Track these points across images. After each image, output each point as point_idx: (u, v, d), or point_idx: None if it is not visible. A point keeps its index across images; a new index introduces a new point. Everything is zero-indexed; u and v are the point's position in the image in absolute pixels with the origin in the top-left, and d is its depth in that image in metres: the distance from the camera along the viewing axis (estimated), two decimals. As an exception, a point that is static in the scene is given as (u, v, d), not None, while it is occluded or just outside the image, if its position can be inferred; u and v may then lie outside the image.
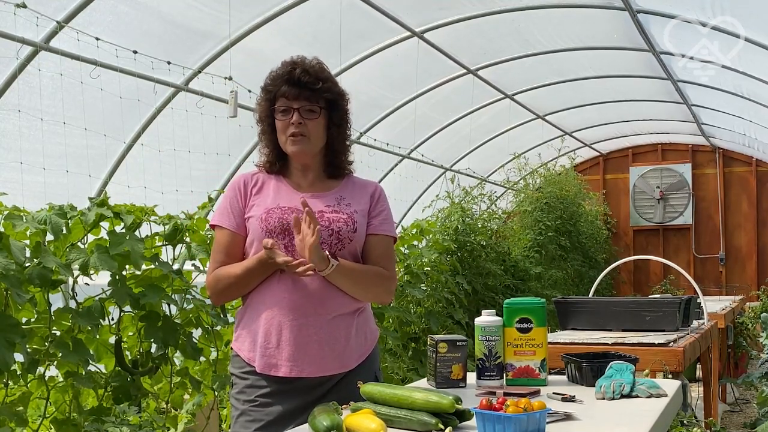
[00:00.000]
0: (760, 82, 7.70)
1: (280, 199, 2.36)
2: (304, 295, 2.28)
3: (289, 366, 2.27)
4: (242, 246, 2.37)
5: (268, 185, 2.41)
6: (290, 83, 2.33)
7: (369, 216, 2.44)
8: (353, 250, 2.37)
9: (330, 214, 2.35)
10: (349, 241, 2.35)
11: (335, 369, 2.32)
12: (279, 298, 2.29)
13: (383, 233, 2.44)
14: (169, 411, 3.81)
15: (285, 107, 2.34)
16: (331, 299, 2.31)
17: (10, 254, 2.87)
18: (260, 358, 2.30)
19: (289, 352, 2.27)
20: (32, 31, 4.51)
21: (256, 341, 2.32)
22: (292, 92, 2.32)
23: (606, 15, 6.99)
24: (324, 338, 2.29)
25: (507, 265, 7.59)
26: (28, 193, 4.45)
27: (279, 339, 2.28)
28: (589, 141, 12.30)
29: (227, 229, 2.37)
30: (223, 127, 6.05)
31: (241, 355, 2.36)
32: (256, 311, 2.33)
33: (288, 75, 2.33)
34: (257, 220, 2.32)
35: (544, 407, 1.72)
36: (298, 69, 2.34)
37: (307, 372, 2.29)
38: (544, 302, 2.43)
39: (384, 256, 2.43)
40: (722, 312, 5.93)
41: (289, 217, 2.29)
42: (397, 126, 8.44)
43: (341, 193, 2.43)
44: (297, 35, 6.38)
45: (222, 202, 2.42)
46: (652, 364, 3.28)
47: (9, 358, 2.82)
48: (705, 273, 12.18)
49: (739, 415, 6.81)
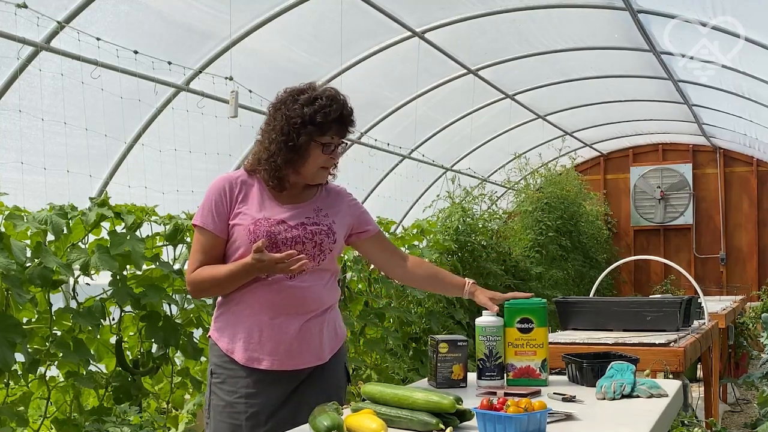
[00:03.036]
0: (760, 81, 7.69)
1: (265, 211, 2.45)
2: (283, 296, 2.41)
3: (270, 360, 2.42)
4: (223, 248, 2.47)
5: (251, 192, 2.48)
6: (340, 123, 2.45)
7: (358, 222, 2.62)
8: (333, 257, 2.53)
9: (311, 226, 2.47)
10: (330, 251, 2.50)
11: (312, 362, 2.48)
12: (260, 299, 2.42)
13: (376, 229, 2.68)
14: (169, 411, 3.81)
15: (332, 143, 2.45)
16: (308, 300, 2.45)
17: (11, 254, 2.87)
18: (243, 351, 2.43)
19: (270, 347, 2.41)
20: (33, 31, 4.52)
21: (236, 335, 2.44)
22: (341, 131, 2.46)
23: (607, 15, 6.99)
24: (302, 335, 2.44)
25: (508, 265, 7.59)
26: (29, 193, 4.46)
27: (260, 336, 2.42)
28: (590, 141, 12.29)
29: (210, 231, 2.45)
30: (224, 127, 6.05)
31: (220, 345, 2.47)
32: (238, 309, 2.45)
33: (339, 116, 2.43)
34: (245, 230, 2.41)
35: (545, 407, 1.72)
36: (347, 110, 2.46)
37: (287, 365, 2.43)
38: (545, 302, 2.43)
39: (391, 246, 2.73)
40: (723, 312, 5.92)
41: (275, 228, 2.41)
42: (397, 126, 8.44)
43: (317, 204, 2.54)
44: (298, 35, 6.38)
45: (205, 203, 2.47)
46: (653, 364, 3.27)
47: (10, 358, 2.83)
48: (706, 273, 12.17)
49: (739, 415, 6.80)
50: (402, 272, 2.70)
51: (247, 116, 6.23)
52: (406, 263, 2.69)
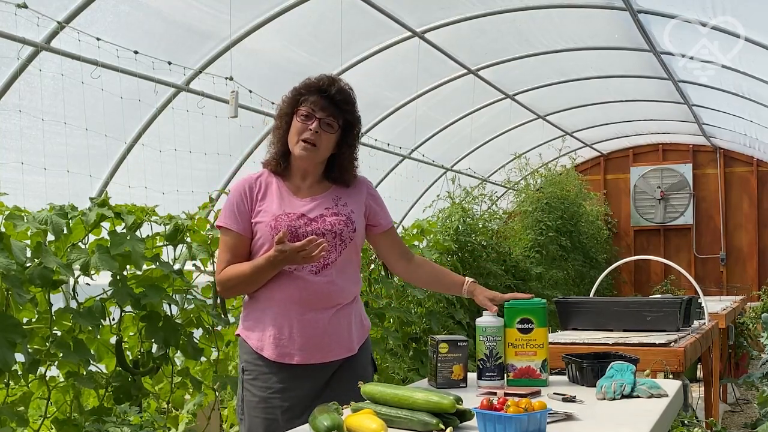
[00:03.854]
0: (760, 82, 7.69)
1: (285, 206, 2.51)
2: (310, 291, 2.46)
3: (301, 355, 2.46)
4: (248, 246, 2.53)
5: (271, 190, 2.55)
6: (322, 94, 2.50)
7: (371, 214, 2.64)
8: (354, 247, 2.56)
9: (330, 217, 2.52)
10: (350, 240, 2.53)
11: (341, 354, 2.53)
12: (286, 294, 2.46)
13: (388, 225, 2.70)
14: (169, 411, 3.81)
15: (308, 113, 2.49)
16: (334, 293, 2.49)
17: (11, 254, 2.87)
18: (273, 348, 2.47)
19: (301, 342, 2.46)
20: (33, 32, 4.52)
21: (265, 332, 2.48)
22: (321, 103, 2.50)
23: (607, 15, 6.99)
24: (332, 328, 2.49)
25: (508, 265, 7.58)
26: (29, 193, 4.46)
27: (291, 332, 2.46)
28: (590, 141, 12.29)
29: (234, 231, 2.51)
30: (224, 127, 6.05)
31: (249, 343, 2.52)
32: (266, 306, 2.49)
33: (324, 88, 2.51)
34: (266, 226, 2.47)
35: (545, 407, 1.72)
36: (335, 87, 2.52)
37: (317, 359, 2.48)
38: (545, 303, 2.43)
39: (400, 243, 2.75)
40: (723, 312, 5.92)
41: (296, 223, 2.46)
42: (397, 126, 8.44)
43: (336, 193, 2.59)
44: (298, 35, 6.38)
45: (227, 205, 2.56)
46: (653, 365, 3.27)
47: (10, 359, 2.83)
48: (706, 273, 12.17)
49: (740, 415, 6.81)
50: (405, 270, 2.75)
51: (247, 116, 6.23)
52: (410, 262, 2.74)
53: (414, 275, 2.76)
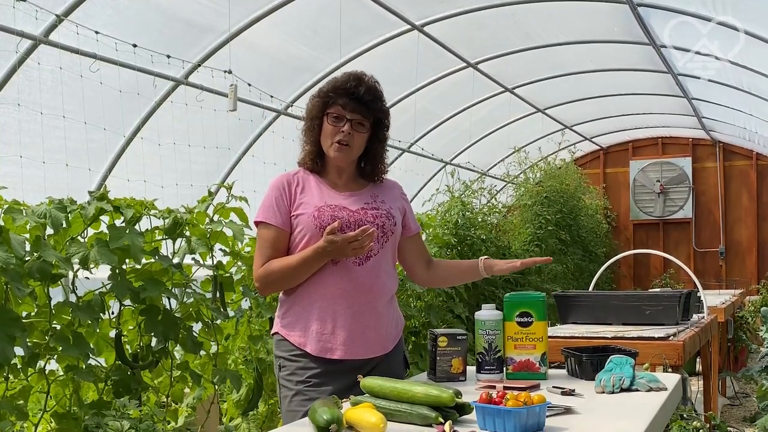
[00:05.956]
0: (760, 75, 7.69)
1: (326, 198, 2.54)
2: (354, 285, 2.48)
3: (343, 349, 2.48)
4: (287, 241, 2.54)
5: (309, 184, 2.58)
6: (351, 96, 2.53)
7: (404, 215, 2.68)
8: (393, 242, 2.60)
9: (371, 210, 2.56)
10: (391, 233, 2.57)
11: (379, 351, 2.55)
12: (331, 288, 2.48)
13: (416, 230, 2.74)
14: (169, 405, 3.81)
15: (338, 115, 2.53)
16: (376, 287, 2.52)
17: (10, 248, 2.87)
18: (315, 343, 2.48)
19: (343, 337, 2.48)
20: (32, 25, 4.51)
21: (308, 327, 2.49)
22: (351, 105, 2.53)
23: (606, 8, 6.98)
24: (373, 324, 2.52)
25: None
26: (27, 187, 4.45)
27: (334, 326, 2.48)
28: (589, 135, 12.29)
29: (274, 225, 2.52)
30: (223, 120, 6.04)
31: (291, 340, 2.53)
32: (309, 301, 2.51)
33: (353, 89, 2.54)
34: (309, 218, 2.49)
35: (544, 401, 1.72)
36: (363, 87, 2.55)
37: (358, 354, 2.50)
38: (544, 296, 2.43)
39: (426, 250, 2.79)
40: (722, 306, 5.92)
41: (339, 214, 2.49)
42: (397, 120, 8.35)
43: (374, 191, 2.63)
44: (297, 29, 6.37)
45: (266, 201, 2.58)
46: (652, 358, 3.28)
47: (9, 352, 2.83)
48: (705, 267, 12.18)
49: (738, 408, 6.82)
50: (425, 276, 2.77)
51: (246, 110, 6.22)
52: (430, 267, 2.76)
53: (434, 278, 2.78)
